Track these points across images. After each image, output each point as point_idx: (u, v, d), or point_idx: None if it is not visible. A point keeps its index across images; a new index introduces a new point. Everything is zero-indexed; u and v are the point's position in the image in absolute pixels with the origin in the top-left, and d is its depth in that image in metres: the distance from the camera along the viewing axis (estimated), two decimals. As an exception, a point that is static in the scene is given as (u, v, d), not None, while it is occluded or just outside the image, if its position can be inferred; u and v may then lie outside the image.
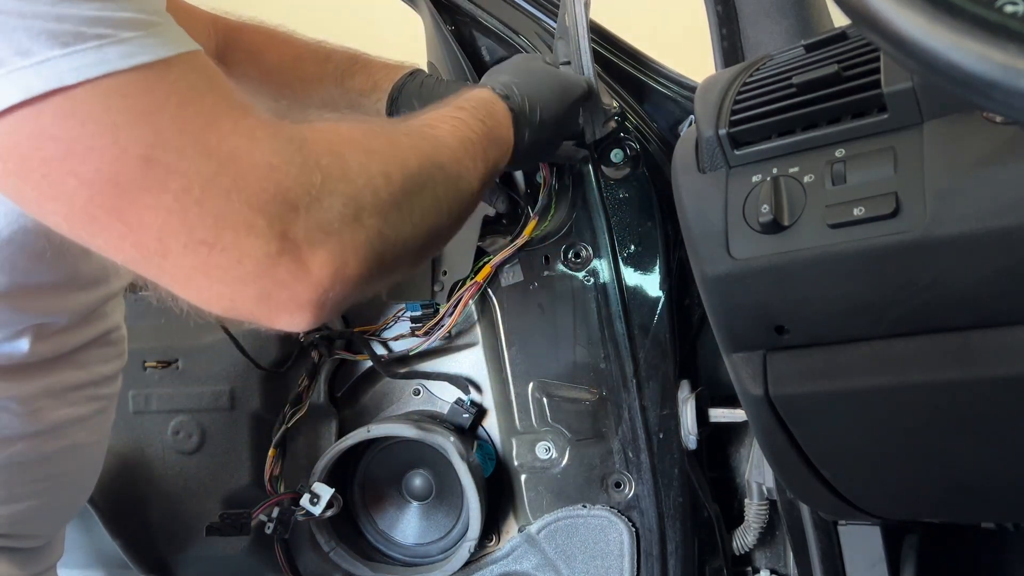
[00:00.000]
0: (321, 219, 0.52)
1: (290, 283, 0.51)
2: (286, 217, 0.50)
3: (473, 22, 1.04)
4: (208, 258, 0.50)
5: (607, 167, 1.01)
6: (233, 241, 0.49)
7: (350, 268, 0.53)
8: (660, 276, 1.01)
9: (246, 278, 0.51)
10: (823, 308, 0.63)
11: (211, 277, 0.51)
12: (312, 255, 0.51)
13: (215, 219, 0.49)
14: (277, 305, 0.52)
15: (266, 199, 0.50)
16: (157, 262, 0.51)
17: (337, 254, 0.52)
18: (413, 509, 1.14)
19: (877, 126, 0.60)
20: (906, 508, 0.80)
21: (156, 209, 0.48)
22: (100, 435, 0.78)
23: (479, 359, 1.09)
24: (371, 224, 0.55)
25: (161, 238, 0.49)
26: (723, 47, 0.97)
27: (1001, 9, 0.32)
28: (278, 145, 0.52)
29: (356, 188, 0.54)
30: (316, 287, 0.52)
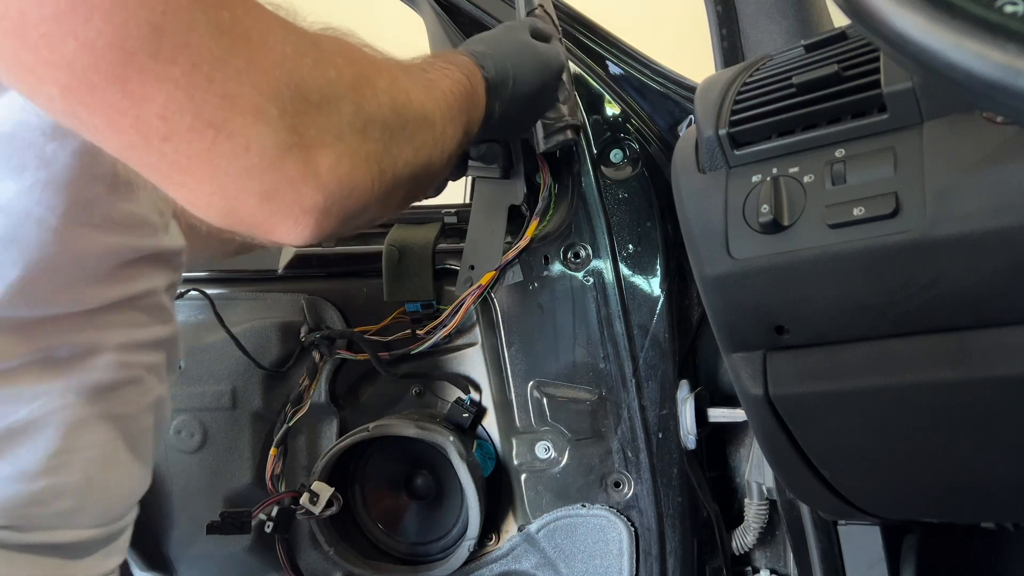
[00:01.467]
0: (333, 121, 0.50)
1: (296, 182, 0.48)
2: (299, 109, 0.48)
3: (473, 23, 1.04)
4: (213, 143, 0.46)
5: (607, 167, 1.01)
6: (241, 126, 0.46)
7: (357, 176, 0.51)
8: (660, 276, 1.01)
9: (251, 170, 0.47)
10: (823, 308, 0.63)
11: (214, 166, 0.47)
12: (322, 155, 0.49)
13: (224, 100, 0.46)
14: (281, 208, 0.49)
15: (279, 87, 0.47)
16: (157, 145, 0.46)
17: (346, 159, 0.51)
18: (413, 508, 1.14)
19: (877, 126, 0.60)
20: (906, 508, 0.80)
21: (162, 81, 0.45)
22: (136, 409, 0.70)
23: (479, 359, 1.09)
24: (377, 139, 0.54)
25: (165, 116, 0.45)
26: (723, 47, 0.97)
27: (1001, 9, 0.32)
28: (293, 36, 0.50)
29: (366, 99, 0.53)
30: (323, 190, 0.49)
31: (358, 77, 0.54)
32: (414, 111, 0.59)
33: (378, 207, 0.57)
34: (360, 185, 0.52)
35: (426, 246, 1.07)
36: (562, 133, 0.93)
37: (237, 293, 1.16)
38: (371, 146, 0.53)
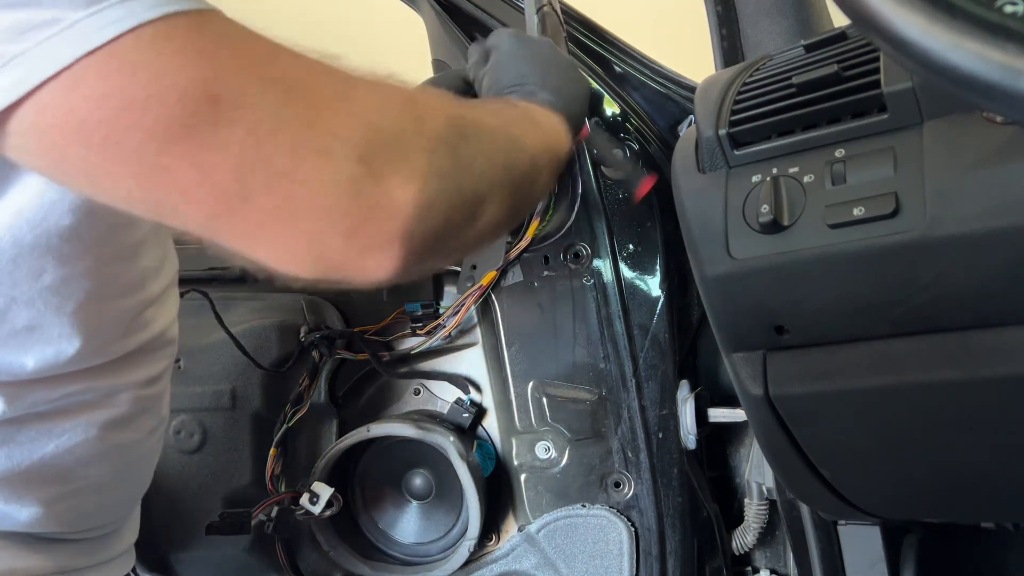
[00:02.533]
0: (398, 145, 0.51)
1: (375, 210, 0.49)
2: (361, 141, 0.49)
3: (473, 23, 1.04)
4: (289, 192, 0.48)
5: (607, 167, 1.01)
6: (312, 169, 0.48)
7: (431, 193, 0.52)
8: (660, 276, 1.01)
9: (331, 209, 0.48)
10: (823, 308, 0.63)
11: (295, 215, 0.48)
12: (394, 180, 0.50)
13: (292, 147, 0.47)
14: (365, 240, 0.50)
15: (339, 122, 0.49)
16: (238, 208, 0.48)
17: (417, 179, 0.51)
18: (413, 508, 1.14)
19: (877, 126, 0.60)
20: (906, 508, 0.80)
21: (229, 145, 0.46)
22: (145, 432, 0.78)
23: (479, 359, 1.09)
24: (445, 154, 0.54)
25: (239, 176, 0.47)
26: (723, 47, 0.97)
27: (1001, 9, 0.32)
28: (342, 77, 0.52)
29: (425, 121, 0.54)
30: (401, 213, 0.50)
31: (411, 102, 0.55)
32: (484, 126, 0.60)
33: (465, 227, 0.57)
34: (437, 201, 0.52)
35: (426, 246, 1.07)
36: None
37: (237, 293, 1.16)
38: (440, 161, 0.53)
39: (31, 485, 0.66)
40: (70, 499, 0.70)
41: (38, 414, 0.66)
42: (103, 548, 0.77)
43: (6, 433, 0.64)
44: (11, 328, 0.61)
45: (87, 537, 0.75)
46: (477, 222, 0.59)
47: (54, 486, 0.68)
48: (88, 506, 0.72)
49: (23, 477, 0.66)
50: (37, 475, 0.67)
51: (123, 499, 0.79)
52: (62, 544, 0.72)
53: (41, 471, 0.67)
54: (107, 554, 0.78)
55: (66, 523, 0.71)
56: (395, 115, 0.53)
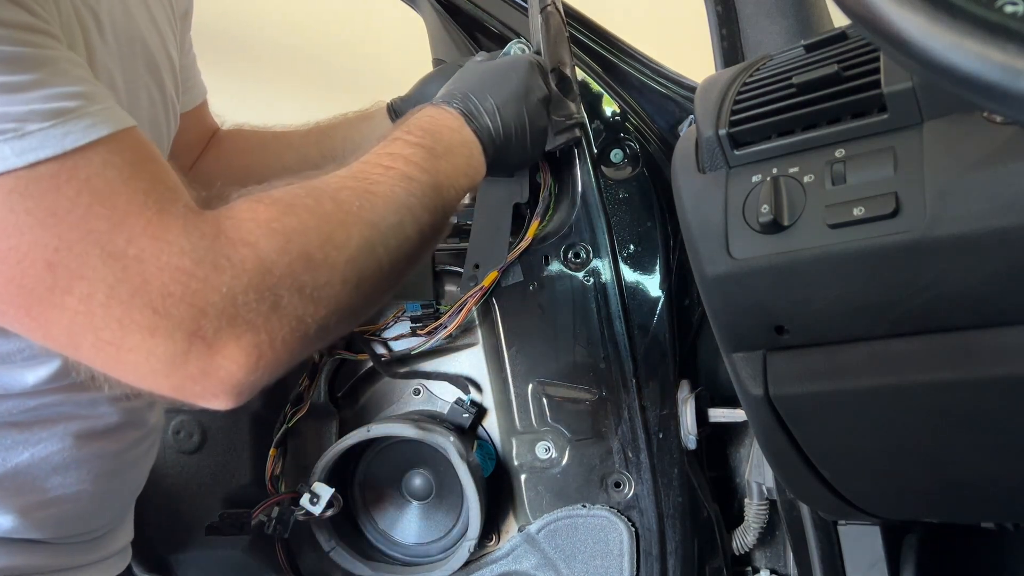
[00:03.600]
0: (234, 315, 0.52)
1: (201, 378, 0.52)
2: (194, 318, 0.51)
3: (473, 23, 1.04)
4: (117, 356, 0.51)
5: (607, 167, 1.01)
6: (139, 342, 0.50)
7: (267, 357, 0.54)
8: (660, 276, 1.01)
9: (157, 374, 0.52)
10: (823, 308, 0.63)
11: (125, 372, 0.52)
12: (224, 351, 0.52)
13: (119, 322, 0.50)
14: (194, 395, 0.54)
15: (172, 302, 0.50)
16: (72, 352, 0.52)
17: (252, 347, 0.53)
18: (413, 509, 1.14)
19: (877, 126, 0.60)
20: (906, 508, 0.80)
21: (62, 310, 0.49)
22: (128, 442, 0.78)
23: (479, 359, 1.09)
24: (292, 310, 0.54)
25: (70, 336, 0.50)
26: (723, 47, 0.97)
27: (1001, 9, 0.32)
28: (191, 243, 0.52)
29: (274, 278, 0.54)
30: (228, 380, 0.53)
31: (260, 260, 0.54)
32: (343, 253, 0.58)
33: (315, 348, 0.59)
34: (272, 360, 0.54)
35: (426, 246, 1.07)
36: (570, 131, 0.93)
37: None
38: (286, 320, 0.54)
39: (6, 493, 0.67)
40: (49, 507, 0.70)
41: (12, 423, 0.66)
42: (91, 550, 0.77)
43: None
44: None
45: (73, 541, 0.75)
46: (334, 337, 0.61)
47: (31, 494, 0.68)
48: (68, 514, 0.72)
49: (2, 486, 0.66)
50: (12, 483, 0.67)
51: (108, 506, 0.79)
52: (47, 546, 0.72)
53: (16, 479, 0.67)
54: (95, 555, 0.78)
55: (47, 530, 0.70)
56: (241, 281, 0.53)
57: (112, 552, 0.81)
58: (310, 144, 0.96)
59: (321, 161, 0.96)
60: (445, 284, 1.08)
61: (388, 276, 0.62)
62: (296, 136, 0.99)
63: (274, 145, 0.98)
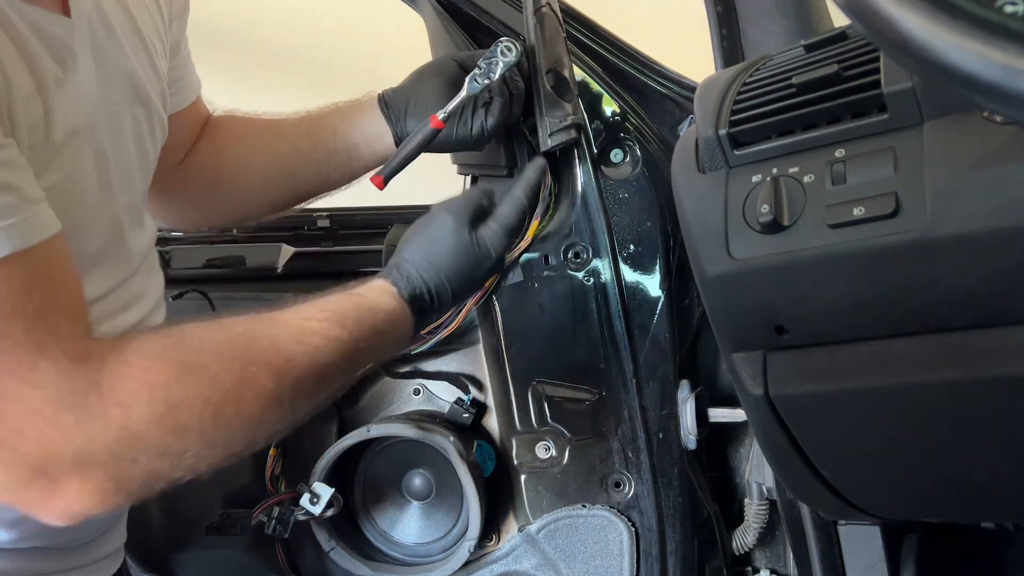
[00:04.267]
0: (83, 465, 0.53)
1: (39, 505, 0.55)
2: (41, 459, 0.53)
3: (473, 23, 1.04)
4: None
5: (607, 167, 1.01)
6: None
7: (109, 501, 0.55)
8: (660, 276, 1.01)
9: (4, 496, 0.55)
10: (823, 308, 0.63)
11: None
12: (66, 492, 0.54)
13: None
14: (40, 515, 0.56)
15: (22, 441, 0.52)
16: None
17: (95, 492, 0.54)
18: (413, 509, 1.14)
19: (877, 126, 0.60)
20: (906, 508, 0.80)
21: None
22: None
23: (479, 359, 1.09)
24: (148, 467, 0.56)
25: None
26: (723, 47, 0.97)
27: (1001, 9, 0.32)
28: (56, 393, 0.52)
29: (138, 442, 0.55)
30: (65, 513, 0.55)
31: (129, 420, 0.54)
32: (223, 417, 0.58)
33: (165, 487, 0.59)
34: (114, 500, 0.56)
35: (426, 246, 1.07)
36: (566, 132, 0.93)
37: (236, 293, 1.16)
38: (128, 470, 0.55)
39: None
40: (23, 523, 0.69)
41: None
42: (82, 553, 0.77)
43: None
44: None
45: (64, 547, 0.74)
46: (206, 471, 0.60)
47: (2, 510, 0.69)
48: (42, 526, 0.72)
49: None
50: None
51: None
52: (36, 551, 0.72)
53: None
54: (86, 558, 0.78)
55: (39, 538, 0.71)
56: (95, 445, 0.54)
57: (104, 555, 0.81)
58: (301, 134, 0.96)
59: (311, 151, 0.95)
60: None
61: (264, 440, 0.64)
62: (288, 125, 0.98)
63: (266, 134, 0.97)
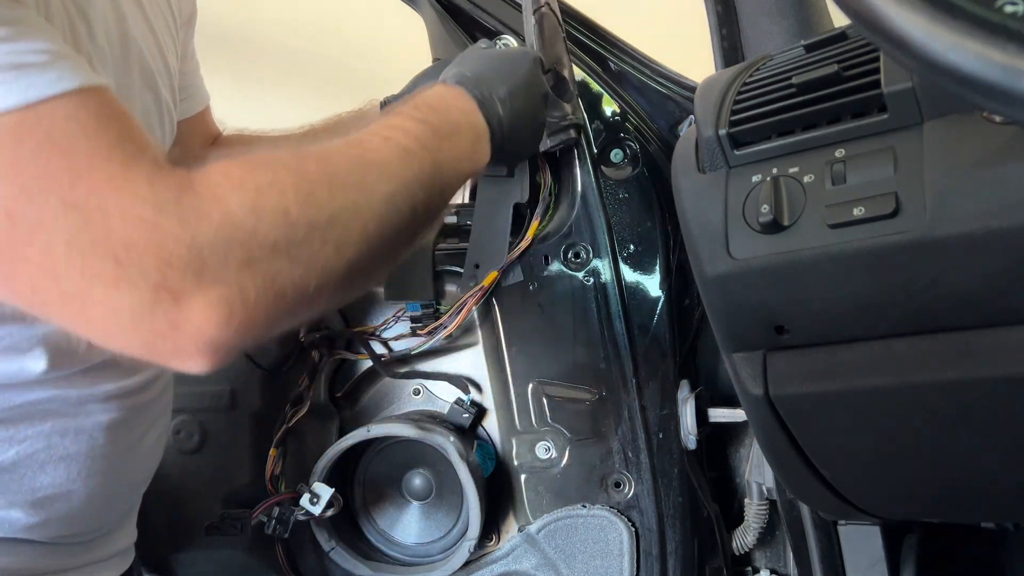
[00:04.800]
0: (200, 268, 0.50)
1: (170, 333, 0.50)
2: (159, 269, 0.49)
3: (474, 23, 1.04)
4: (83, 310, 0.49)
5: (607, 167, 1.01)
6: (103, 295, 0.48)
7: (239, 315, 0.51)
8: (660, 276, 1.01)
9: (124, 328, 0.50)
10: (823, 308, 0.63)
11: (91, 327, 0.51)
12: (192, 304, 0.50)
13: (81, 274, 0.48)
14: (165, 353, 0.51)
15: (135, 253, 0.48)
16: (40, 309, 0.51)
17: (222, 302, 0.50)
18: (413, 509, 1.14)
19: (877, 126, 0.60)
20: (906, 508, 0.80)
21: (24, 262, 0.48)
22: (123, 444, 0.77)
23: (479, 359, 1.09)
24: (265, 267, 0.52)
25: (34, 290, 0.49)
26: (723, 47, 0.97)
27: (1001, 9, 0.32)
28: (156, 195, 0.50)
29: (243, 233, 0.52)
30: (199, 336, 0.50)
31: (227, 215, 0.52)
32: (323, 214, 0.56)
33: (297, 316, 0.56)
34: (245, 319, 0.52)
35: (426, 246, 1.07)
36: (565, 132, 0.93)
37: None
38: (259, 277, 0.52)
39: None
40: (38, 506, 0.70)
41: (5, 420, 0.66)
42: (87, 551, 0.77)
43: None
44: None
45: (67, 542, 0.74)
46: (345, 291, 0.58)
47: (19, 493, 0.68)
48: (59, 513, 0.72)
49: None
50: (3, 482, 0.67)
51: (103, 507, 0.78)
52: (38, 546, 0.71)
53: (3, 477, 0.67)
54: (91, 556, 0.77)
55: (36, 530, 0.70)
56: (210, 234, 0.51)
57: (111, 554, 0.80)
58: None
59: None
60: (445, 284, 1.08)
61: (375, 247, 0.60)
62: (293, 141, 0.99)
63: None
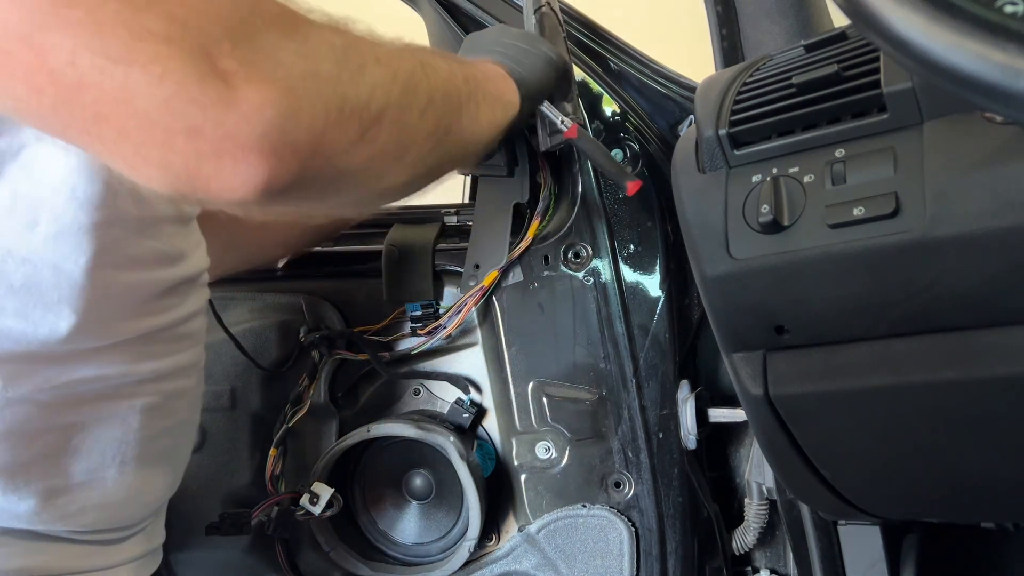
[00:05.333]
0: (257, 42, 0.45)
1: (222, 109, 0.44)
2: (215, 33, 0.44)
3: (474, 22, 1.04)
4: (126, 79, 0.43)
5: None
6: (152, 55, 0.43)
7: (297, 98, 0.45)
8: (660, 276, 1.01)
9: (170, 102, 0.43)
10: (823, 308, 0.63)
11: (132, 106, 0.43)
12: (247, 78, 0.44)
13: (131, 31, 0.43)
14: (214, 145, 0.44)
15: (192, 13, 0.44)
16: (77, 98, 0.44)
17: (278, 79, 0.45)
18: (413, 509, 1.14)
19: (877, 126, 0.60)
20: (906, 508, 0.80)
21: (68, 25, 0.43)
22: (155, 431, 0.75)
23: (479, 359, 1.09)
24: (324, 69, 0.47)
25: (74, 61, 0.43)
26: (723, 47, 0.97)
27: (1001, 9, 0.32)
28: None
29: (301, 21, 0.48)
30: (255, 115, 0.44)
31: (286, 13, 0.48)
32: (371, 51, 0.53)
33: (352, 149, 0.51)
34: (307, 109, 0.46)
35: (426, 246, 1.07)
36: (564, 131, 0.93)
37: (236, 293, 1.16)
38: (316, 59, 0.47)
39: (31, 476, 0.65)
40: (72, 493, 0.68)
41: (41, 403, 0.64)
42: (117, 551, 0.76)
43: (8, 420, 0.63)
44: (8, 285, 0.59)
45: (96, 540, 0.73)
46: (367, 145, 0.52)
47: (55, 479, 0.67)
48: (91, 502, 0.70)
49: (24, 468, 0.65)
50: (38, 466, 0.65)
51: (134, 499, 0.77)
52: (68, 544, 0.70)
53: (43, 463, 0.66)
54: (121, 557, 0.76)
55: (69, 520, 0.69)
56: (270, 14, 0.47)
57: (140, 554, 0.79)
58: None
59: None
60: (445, 284, 1.08)
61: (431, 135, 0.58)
62: None
63: None
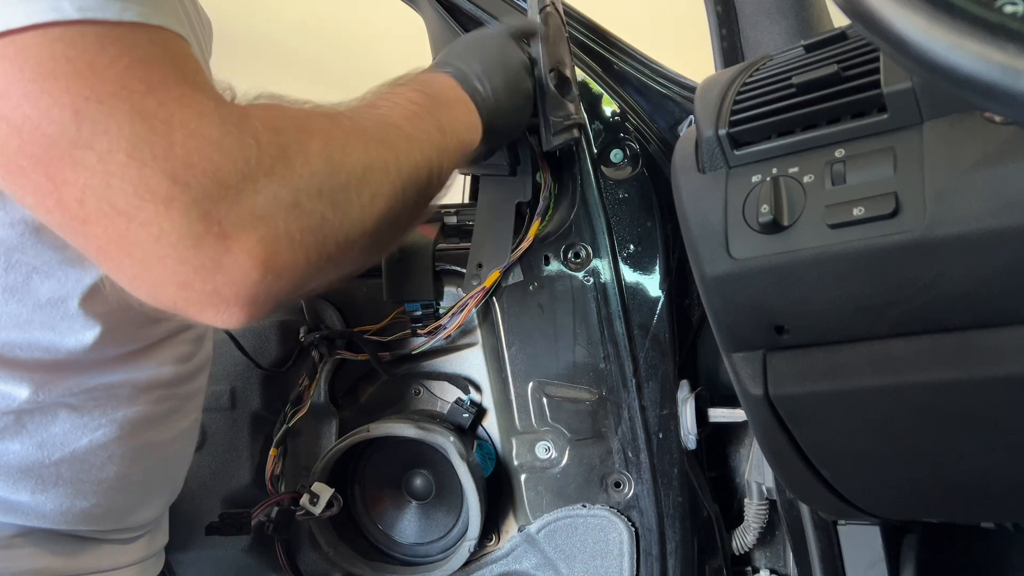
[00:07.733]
0: (253, 202, 0.49)
1: (212, 272, 0.48)
2: (213, 195, 0.47)
3: (474, 23, 1.04)
4: (127, 231, 0.47)
5: (607, 167, 1.01)
6: (152, 215, 0.47)
7: (283, 257, 0.50)
8: (660, 276, 1.01)
9: (165, 259, 0.47)
10: (823, 308, 0.63)
11: (130, 253, 0.48)
12: (239, 242, 0.48)
13: (136, 188, 0.46)
14: (200, 297, 0.49)
15: (193, 173, 0.47)
16: (79, 228, 0.48)
17: (268, 241, 0.49)
18: (413, 509, 1.14)
19: (877, 126, 0.60)
20: (906, 508, 0.80)
21: (80, 167, 0.46)
22: (175, 432, 0.78)
23: (479, 359, 1.09)
24: (312, 209, 0.52)
25: (82, 200, 0.47)
26: (723, 47, 0.97)
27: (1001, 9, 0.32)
28: (221, 118, 0.49)
29: (294, 170, 0.51)
30: (242, 279, 0.49)
31: (283, 149, 0.52)
32: (359, 164, 0.57)
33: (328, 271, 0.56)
34: (290, 266, 0.51)
35: (426, 246, 1.07)
36: (568, 132, 0.93)
37: (237, 293, 1.16)
38: (305, 218, 0.52)
39: (61, 480, 0.67)
40: (97, 497, 0.70)
41: (71, 406, 0.66)
42: (129, 551, 0.78)
43: (39, 424, 0.65)
44: (35, 302, 0.61)
45: (111, 539, 0.75)
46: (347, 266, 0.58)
47: (83, 483, 0.69)
48: (114, 505, 0.72)
49: (53, 469, 0.66)
50: (68, 468, 0.67)
51: (150, 502, 0.79)
52: (85, 543, 0.72)
53: (73, 465, 0.68)
54: (133, 556, 0.78)
55: (90, 521, 0.71)
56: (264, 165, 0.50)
57: (148, 554, 0.81)
58: None
59: None
60: (445, 284, 1.08)
61: (400, 205, 0.61)
62: None
63: None
